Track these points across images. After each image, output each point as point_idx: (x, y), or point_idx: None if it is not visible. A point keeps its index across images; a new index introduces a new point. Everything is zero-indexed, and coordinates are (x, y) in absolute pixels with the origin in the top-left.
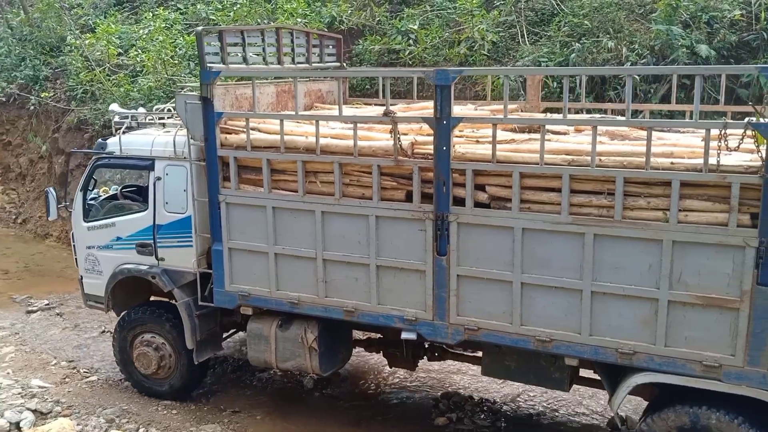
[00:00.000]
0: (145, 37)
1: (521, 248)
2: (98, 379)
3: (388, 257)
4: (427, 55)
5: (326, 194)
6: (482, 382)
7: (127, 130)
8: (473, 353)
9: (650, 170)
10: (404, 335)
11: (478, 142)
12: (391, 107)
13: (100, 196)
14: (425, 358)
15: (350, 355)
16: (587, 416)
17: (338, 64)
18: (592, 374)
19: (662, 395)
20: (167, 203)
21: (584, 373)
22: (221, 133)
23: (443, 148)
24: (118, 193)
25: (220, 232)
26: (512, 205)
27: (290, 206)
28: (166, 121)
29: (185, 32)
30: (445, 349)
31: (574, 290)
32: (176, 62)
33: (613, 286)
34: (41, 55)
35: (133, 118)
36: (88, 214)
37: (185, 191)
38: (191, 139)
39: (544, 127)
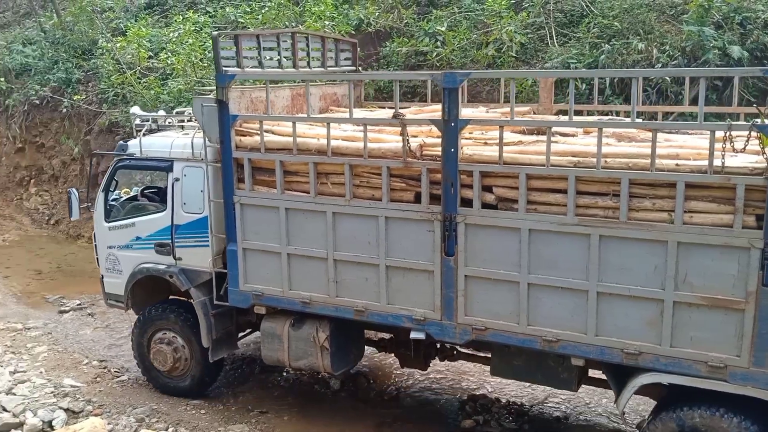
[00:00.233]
0: (175, 40)
1: (528, 249)
2: (128, 378)
3: (397, 257)
4: (454, 56)
5: (337, 195)
6: (509, 385)
7: (147, 132)
8: (484, 353)
9: (655, 172)
10: (413, 335)
11: (486, 144)
12: (403, 110)
13: (121, 196)
14: (437, 358)
15: (362, 354)
16: (614, 420)
17: (354, 68)
18: (600, 374)
19: (670, 395)
20: (185, 204)
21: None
22: (236, 135)
23: (451, 149)
24: (138, 194)
25: (234, 232)
26: (519, 206)
27: (302, 207)
28: (185, 123)
29: None
30: (456, 349)
31: (580, 291)
32: (206, 65)
33: (618, 286)
34: (73, 58)
35: (153, 120)
36: (109, 214)
37: (202, 192)
38: (207, 141)
39: (549, 129)
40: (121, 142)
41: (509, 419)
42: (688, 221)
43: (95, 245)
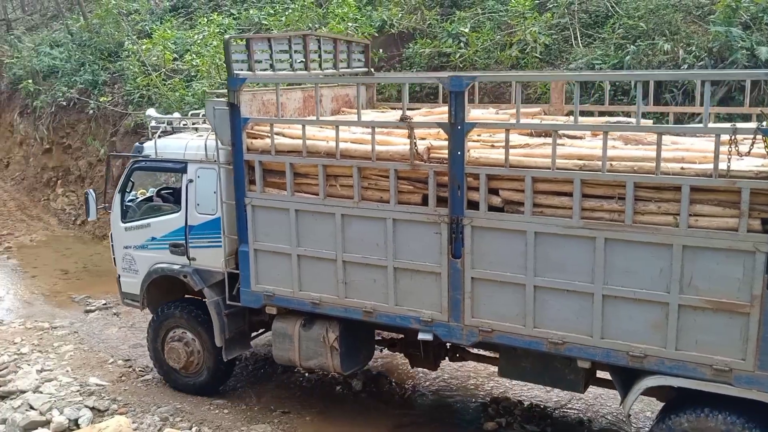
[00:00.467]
0: (199, 42)
1: (534, 252)
2: (153, 378)
3: (404, 259)
4: (478, 57)
5: (346, 197)
6: (532, 388)
7: (162, 134)
8: (493, 354)
9: (660, 175)
10: (421, 336)
11: (493, 146)
12: (413, 111)
13: (137, 197)
14: (446, 358)
15: (372, 354)
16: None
17: (366, 69)
18: (608, 375)
19: (677, 398)
20: (198, 205)
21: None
22: (247, 137)
23: (457, 152)
24: (153, 194)
25: (246, 233)
26: (525, 209)
27: (312, 209)
28: (199, 125)
29: None
30: (465, 350)
31: (585, 293)
32: None
33: (624, 289)
34: (100, 60)
35: (168, 122)
36: (125, 215)
37: (215, 193)
38: (220, 143)
39: (555, 132)
40: (137, 144)
41: (532, 422)
42: (693, 225)
43: (112, 245)
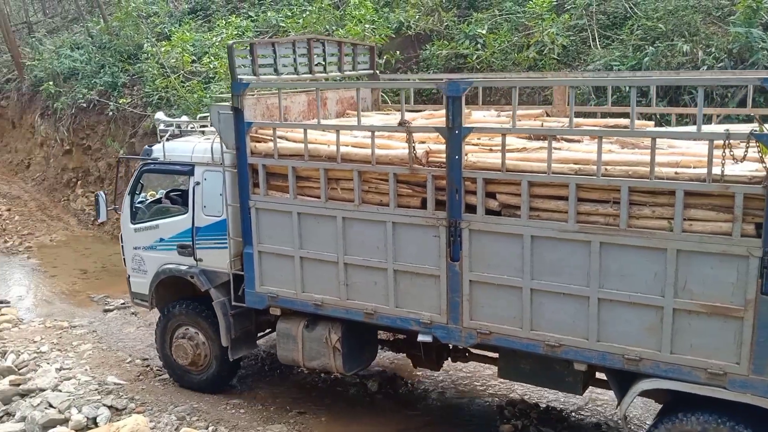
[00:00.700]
0: (217, 44)
1: (530, 255)
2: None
3: (404, 262)
4: (495, 59)
5: (347, 201)
6: (548, 390)
7: (171, 137)
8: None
9: (654, 180)
10: (420, 338)
11: (491, 150)
12: (416, 113)
13: (146, 199)
14: (449, 359)
15: (375, 355)
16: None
17: (371, 71)
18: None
19: (672, 401)
20: (205, 207)
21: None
22: (251, 141)
23: (455, 156)
24: (162, 196)
25: (250, 235)
26: (521, 212)
27: (314, 212)
28: (206, 129)
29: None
30: (468, 350)
31: (581, 297)
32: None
33: (619, 293)
34: (119, 62)
35: (176, 125)
36: (135, 216)
37: (221, 195)
38: (224, 147)
39: (552, 137)
40: (146, 146)
41: (548, 425)
42: (687, 229)
43: (122, 246)
